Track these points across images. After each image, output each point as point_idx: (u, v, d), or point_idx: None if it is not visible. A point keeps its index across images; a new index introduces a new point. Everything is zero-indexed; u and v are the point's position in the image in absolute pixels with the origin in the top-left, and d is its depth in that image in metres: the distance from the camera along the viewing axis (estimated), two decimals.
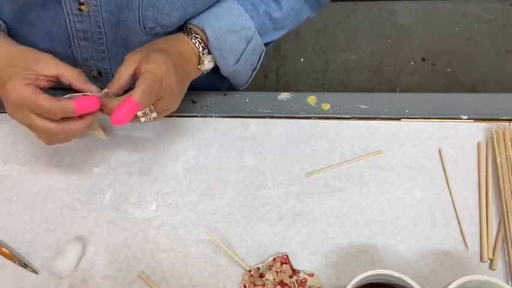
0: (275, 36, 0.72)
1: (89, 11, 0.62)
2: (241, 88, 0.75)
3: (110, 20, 0.64)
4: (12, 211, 0.67)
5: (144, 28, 0.65)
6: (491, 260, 0.61)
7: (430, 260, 0.62)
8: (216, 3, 0.67)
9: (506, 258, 0.61)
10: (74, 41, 0.67)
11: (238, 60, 0.68)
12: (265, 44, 0.72)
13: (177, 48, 0.63)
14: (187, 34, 0.65)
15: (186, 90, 0.65)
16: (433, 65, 1.83)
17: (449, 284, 0.51)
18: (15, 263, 0.63)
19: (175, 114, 0.74)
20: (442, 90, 1.72)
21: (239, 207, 0.66)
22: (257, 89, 0.79)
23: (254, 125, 0.72)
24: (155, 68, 0.57)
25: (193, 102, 0.75)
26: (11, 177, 0.69)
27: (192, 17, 0.66)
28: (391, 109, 0.73)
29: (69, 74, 0.57)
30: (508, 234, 0.62)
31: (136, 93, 0.55)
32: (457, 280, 0.51)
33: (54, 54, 0.67)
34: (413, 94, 0.75)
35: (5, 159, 0.70)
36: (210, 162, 0.70)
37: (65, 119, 0.56)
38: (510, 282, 0.60)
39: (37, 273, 0.63)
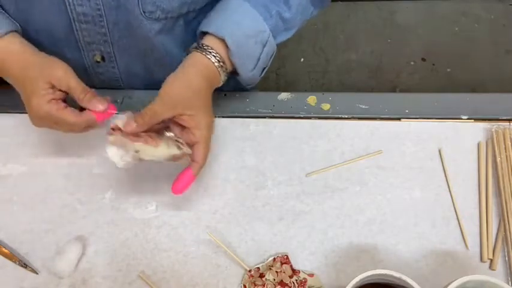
0: (286, 36, 0.72)
1: None
2: (249, 87, 0.74)
3: (110, 2, 0.64)
4: (12, 211, 0.67)
5: (144, 12, 0.65)
6: (491, 260, 0.61)
7: (430, 260, 0.62)
8: (226, 3, 0.66)
9: (506, 258, 0.61)
10: (75, 25, 0.67)
11: (256, 64, 0.68)
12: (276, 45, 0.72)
13: (204, 84, 0.63)
14: (203, 51, 0.63)
15: None
16: (433, 65, 1.83)
17: (449, 284, 0.51)
18: (15, 263, 0.63)
19: None
20: (442, 90, 1.72)
21: (239, 207, 0.66)
22: (257, 89, 0.79)
23: (254, 125, 0.72)
24: (207, 135, 0.61)
25: None
26: (11, 177, 0.69)
27: (207, 22, 0.66)
28: (391, 109, 0.73)
29: (78, 91, 0.60)
30: (508, 234, 0.62)
31: (195, 169, 0.60)
32: (457, 280, 0.51)
33: (58, 39, 0.68)
34: (413, 94, 0.75)
35: (5, 159, 0.70)
36: (210, 162, 0.70)
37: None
38: (510, 282, 0.60)
39: (37, 273, 0.63)
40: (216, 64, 0.63)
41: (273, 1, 0.68)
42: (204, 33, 0.65)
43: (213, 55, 0.63)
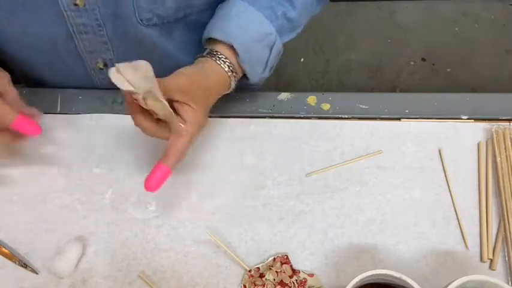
0: (291, 35, 0.71)
1: (84, 4, 0.62)
2: (256, 87, 0.74)
3: (107, 12, 0.64)
4: (12, 211, 0.67)
5: (141, 20, 0.65)
6: (491, 260, 0.61)
7: (430, 260, 0.62)
8: (229, 8, 0.65)
9: (506, 258, 0.61)
10: (75, 35, 0.67)
11: (265, 67, 0.68)
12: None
13: (215, 87, 0.62)
14: (215, 58, 0.63)
15: None
16: (433, 65, 1.83)
17: (449, 284, 0.51)
18: (15, 263, 0.63)
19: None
20: (442, 90, 1.72)
21: (239, 207, 0.66)
22: (257, 89, 0.78)
23: (254, 125, 0.72)
24: (195, 132, 0.58)
25: None
26: (11, 177, 0.69)
27: (213, 28, 0.65)
28: (391, 109, 0.73)
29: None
30: (508, 234, 0.62)
31: (169, 162, 0.57)
32: (457, 280, 0.51)
33: (59, 48, 0.68)
34: (413, 94, 0.75)
35: (5, 159, 0.70)
36: (210, 162, 0.70)
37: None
38: (510, 282, 0.60)
39: (37, 273, 0.63)
40: (229, 74, 0.63)
41: (278, 2, 0.67)
42: (210, 39, 0.65)
43: (227, 64, 0.63)
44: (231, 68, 0.63)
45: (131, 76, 0.52)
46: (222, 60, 0.63)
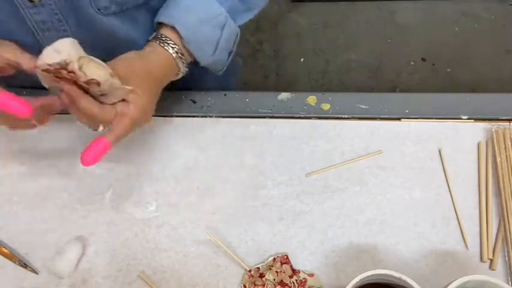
0: (247, 17, 0.70)
1: (40, 0, 0.60)
2: (219, 73, 0.73)
3: (65, 5, 0.62)
4: (12, 211, 0.67)
5: (99, 9, 0.63)
6: (491, 260, 0.61)
7: (430, 260, 0.62)
8: None
9: (506, 258, 0.61)
10: (38, 34, 0.65)
11: (216, 49, 0.67)
12: (239, 27, 0.70)
13: (157, 71, 0.62)
14: (161, 42, 0.63)
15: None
16: (433, 65, 1.83)
17: (449, 284, 0.51)
18: (15, 263, 0.63)
19: (175, 114, 0.74)
20: (442, 90, 1.72)
21: (239, 207, 0.66)
22: (257, 89, 0.79)
23: (254, 125, 0.72)
24: (135, 114, 0.57)
25: (193, 102, 0.75)
26: (11, 177, 0.69)
27: (160, 12, 0.64)
28: (391, 109, 0.73)
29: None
30: (508, 234, 0.62)
31: (111, 137, 0.56)
32: (457, 280, 0.51)
33: (24, 47, 0.65)
34: (413, 94, 0.75)
35: (5, 159, 0.70)
36: (210, 162, 0.70)
37: None
38: (510, 282, 0.60)
39: (37, 273, 0.63)
40: (174, 55, 0.63)
41: None
42: (158, 24, 0.65)
43: (171, 46, 0.63)
44: (175, 49, 0.63)
45: (59, 55, 0.52)
46: (166, 43, 0.63)
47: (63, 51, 0.52)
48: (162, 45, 0.63)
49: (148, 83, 0.60)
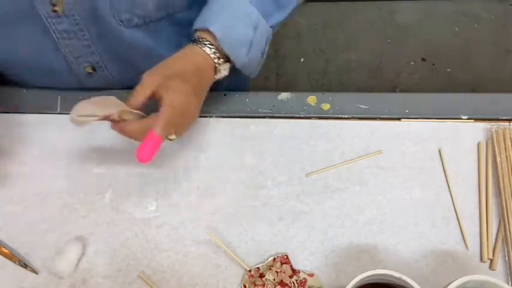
0: (280, 16, 0.70)
1: (63, 10, 0.62)
2: (252, 76, 0.73)
3: (87, 16, 0.64)
4: (12, 211, 0.67)
5: (121, 21, 0.64)
6: (491, 260, 0.61)
7: (430, 260, 0.62)
8: None
9: (506, 258, 0.61)
10: (59, 43, 0.67)
11: (250, 48, 0.66)
12: (271, 27, 0.70)
13: (193, 67, 0.62)
14: (198, 43, 0.64)
15: (202, 103, 0.65)
16: (433, 65, 1.83)
17: (449, 284, 0.51)
18: (15, 263, 0.63)
19: None
20: (442, 90, 1.72)
21: (239, 207, 0.66)
22: (257, 89, 0.79)
23: (254, 125, 0.72)
24: (175, 99, 0.58)
25: None
26: (11, 177, 0.69)
27: (195, 21, 0.65)
28: (391, 109, 0.73)
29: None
30: (508, 234, 0.62)
31: (158, 128, 0.57)
32: (457, 280, 0.51)
33: (46, 56, 0.69)
34: (413, 94, 0.75)
35: (5, 159, 0.70)
36: (210, 162, 0.70)
37: None
38: (510, 282, 0.60)
39: (37, 273, 0.63)
40: (212, 56, 0.63)
41: None
42: (195, 31, 0.65)
43: (209, 47, 0.63)
44: (213, 50, 0.63)
45: (98, 111, 0.59)
46: (204, 44, 0.63)
47: (102, 111, 0.60)
48: (199, 46, 0.63)
49: (182, 80, 0.60)
